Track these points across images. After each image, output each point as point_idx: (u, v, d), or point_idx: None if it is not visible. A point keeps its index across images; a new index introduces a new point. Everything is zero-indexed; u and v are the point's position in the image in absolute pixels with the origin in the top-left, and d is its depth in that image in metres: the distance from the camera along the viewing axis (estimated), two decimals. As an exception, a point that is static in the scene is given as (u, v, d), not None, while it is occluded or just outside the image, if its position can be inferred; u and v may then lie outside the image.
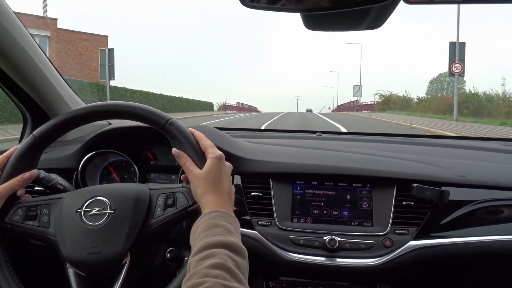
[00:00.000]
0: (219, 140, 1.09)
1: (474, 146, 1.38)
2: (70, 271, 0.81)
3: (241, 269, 0.64)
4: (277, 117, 23.38)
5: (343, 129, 11.42)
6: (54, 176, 1.01)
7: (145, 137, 1.21)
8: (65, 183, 1.02)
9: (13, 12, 1.07)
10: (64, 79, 1.32)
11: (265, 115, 28.61)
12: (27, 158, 0.87)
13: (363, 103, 43.19)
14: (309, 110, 70.14)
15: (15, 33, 1.08)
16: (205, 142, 0.84)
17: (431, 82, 68.99)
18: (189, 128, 0.86)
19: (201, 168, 0.80)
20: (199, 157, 0.82)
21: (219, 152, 0.82)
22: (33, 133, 0.87)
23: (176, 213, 0.82)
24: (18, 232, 0.85)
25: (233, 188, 0.83)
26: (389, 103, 35.45)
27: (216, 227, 0.70)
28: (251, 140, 1.31)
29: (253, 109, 69.74)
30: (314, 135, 1.56)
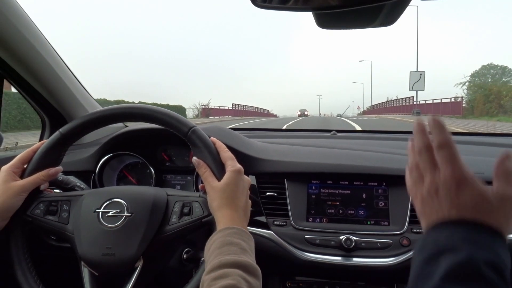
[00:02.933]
0: (234, 140, 1.09)
1: (492, 142, 1.35)
2: (85, 270, 0.83)
3: None
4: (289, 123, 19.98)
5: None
6: (72, 178, 1.03)
7: (160, 139, 1.23)
8: (83, 185, 1.04)
9: (32, 20, 1.10)
10: (80, 84, 1.34)
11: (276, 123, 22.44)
12: (52, 154, 0.89)
13: (423, 101, 29.00)
14: (339, 116, 58.23)
15: (34, 41, 1.10)
16: (226, 154, 0.84)
17: (472, 75, 63.96)
18: (211, 138, 0.86)
19: (219, 180, 0.80)
20: (218, 168, 0.82)
21: (238, 166, 0.82)
22: (60, 130, 0.89)
23: (190, 222, 0.83)
24: (38, 225, 0.87)
25: (249, 202, 0.83)
26: (498, 99, 21.53)
27: (230, 245, 0.70)
28: (265, 140, 1.31)
29: (262, 113, 59.61)
30: (328, 134, 1.56)
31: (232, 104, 47.45)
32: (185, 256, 0.96)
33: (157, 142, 1.25)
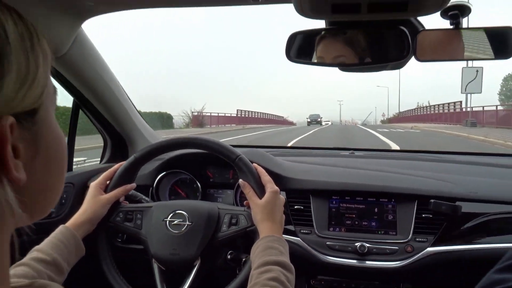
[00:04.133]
0: (269, 163, 1.33)
1: (487, 162, 1.55)
2: (155, 266, 1.08)
3: (290, 282, 0.82)
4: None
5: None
6: (137, 193, 1.28)
7: (206, 160, 1.47)
8: (147, 198, 1.30)
9: (102, 57, 1.36)
10: (137, 110, 1.61)
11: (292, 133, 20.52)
12: (128, 173, 1.14)
13: (477, 108, 23.22)
14: (364, 124, 53.46)
15: (105, 76, 1.37)
16: (266, 178, 1.05)
17: (505, 79, 60.91)
18: (253, 164, 1.08)
19: (260, 198, 1.01)
20: (260, 189, 1.03)
21: (276, 188, 1.02)
22: (135, 155, 1.14)
23: (237, 231, 1.06)
24: (118, 230, 1.13)
25: (284, 216, 1.03)
26: None
27: (271, 248, 0.89)
28: (291, 159, 1.54)
29: (276, 121, 54.21)
30: (347, 153, 1.78)
31: (237, 110, 39.91)
32: (229, 257, 1.19)
33: (203, 162, 1.49)
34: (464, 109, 26.57)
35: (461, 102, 27.24)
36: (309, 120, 51.79)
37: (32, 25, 0.41)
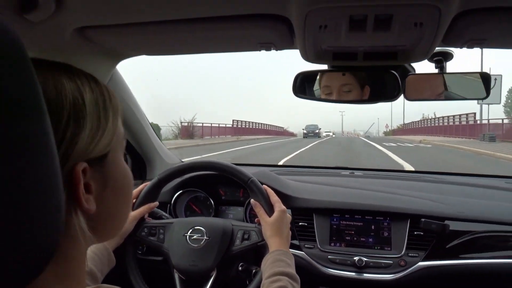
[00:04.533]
0: (276, 183, 1.47)
1: (477, 183, 1.69)
2: (176, 275, 1.22)
3: None
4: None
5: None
6: (159, 210, 1.43)
7: (218, 179, 1.62)
8: (167, 215, 1.44)
9: (131, 91, 1.52)
10: (155, 133, 1.77)
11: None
12: (152, 193, 1.29)
13: (494, 120, 22.54)
14: (368, 136, 50.49)
15: (135, 109, 1.53)
16: (274, 198, 1.19)
17: (510, 91, 58.75)
18: (263, 185, 1.23)
19: (270, 216, 1.15)
20: (269, 208, 1.17)
21: (284, 207, 1.16)
22: (158, 176, 1.29)
23: (250, 245, 1.20)
24: (143, 243, 1.27)
25: (290, 233, 1.16)
26: None
27: (280, 261, 1.00)
28: (295, 178, 1.68)
29: (275, 132, 50.90)
30: (347, 172, 1.92)
31: (233, 120, 38.11)
32: (240, 268, 1.32)
33: (216, 182, 1.64)
34: (478, 121, 25.23)
35: (474, 114, 25.79)
36: (305, 131, 45.04)
37: (107, 88, 0.52)
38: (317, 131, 45.55)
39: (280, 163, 11.18)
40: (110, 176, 0.50)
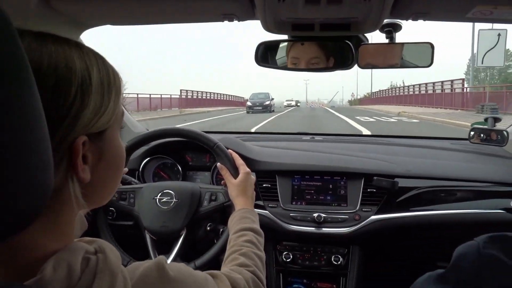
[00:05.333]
0: (241, 148, 1.55)
1: (426, 145, 1.84)
2: (147, 236, 1.29)
3: (261, 243, 1.00)
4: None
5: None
6: (128, 176, 1.48)
7: (184, 146, 1.68)
8: (136, 181, 1.50)
9: None
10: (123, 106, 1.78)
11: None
12: None
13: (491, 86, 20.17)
14: (333, 106, 48.23)
15: None
16: (239, 161, 1.26)
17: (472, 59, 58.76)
18: (229, 150, 1.30)
19: (235, 178, 1.21)
20: (235, 171, 1.25)
21: (248, 169, 1.24)
22: (126, 143, 1.34)
23: (216, 206, 1.28)
24: (115, 207, 1.33)
25: (254, 193, 1.23)
26: None
27: (245, 218, 1.08)
28: (259, 144, 1.77)
29: (236, 103, 46.84)
30: (307, 137, 2.03)
31: (181, 90, 32.63)
32: (208, 228, 1.41)
33: (182, 148, 1.70)
34: (466, 90, 21.62)
35: (463, 80, 22.18)
36: (249, 103, 29.65)
37: (112, 68, 0.55)
38: (267, 102, 29.45)
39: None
40: (106, 150, 0.54)
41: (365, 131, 12.17)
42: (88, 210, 0.59)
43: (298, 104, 50.37)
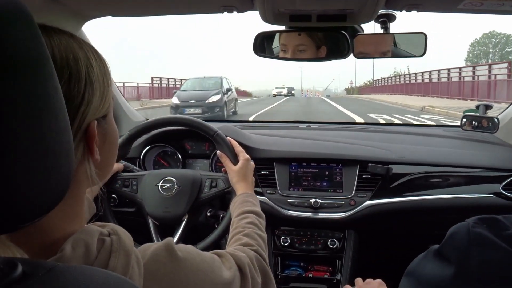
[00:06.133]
0: (240, 136, 1.59)
1: (420, 132, 1.89)
2: (150, 221, 1.33)
3: (263, 225, 1.05)
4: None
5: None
6: (130, 164, 1.51)
7: (184, 134, 1.71)
8: (138, 168, 1.53)
9: None
10: (122, 94, 1.81)
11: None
12: (124, 147, 1.38)
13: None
14: (328, 96, 42.63)
15: None
16: (238, 149, 1.30)
17: (472, 45, 56.75)
18: (228, 138, 1.34)
19: (235, 165, 1.26)
20: (234, 158, 1.29)
21: (247, 156, 1.28)
22: (128, 131, 1.38)
23: (217, 192, 1.32)
24: (118, 194, 1.37)
25: (254, 179, 1.28)
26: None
27: (247, 202, 1.11)
28: (257, 132, 1.80)
29: None
30: (304, 126, 2.07)
31: (152, 78, 25.98)
32: (209, 214, 1.45)
33: (182, 137, 1.73)
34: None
35: (510, 63, 17.55)
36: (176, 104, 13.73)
37: (103, 56, 0.58)
38: (214, 98, 13.54)
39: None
40: (108, 132, 0.59)
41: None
42: (101, 185, 0.63)
43: (293, 92, 42.27)
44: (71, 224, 0.53)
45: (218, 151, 1.32)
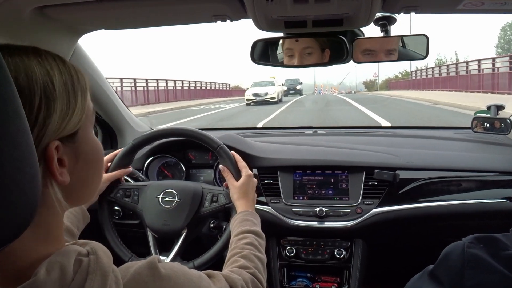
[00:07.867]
0: (243, 145, 1.56)
1: (429, 135, 1.83)
2: (149, 234, 1.31)
3: (262, 246, 1.02)
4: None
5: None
6: (136, 171, 1.50)
7: (187, 145, 1.70)
8: (143, 176, 1.53)
9: (95, 64, 1.54)
10: (124, 103, 1.81)
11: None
12: (127, 157, 1.37)
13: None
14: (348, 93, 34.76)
15: (100, 82, 1.56)
16: (241, 163, 1.27)
17: (503, 29, 51.50)
18: (231, 152, 1.31)
19: (237, 180, 1.23)
20: (237, 173, 1.26)
21: (250, 172, 1.25)
22: (132, 141, 1.37)
23: (217, 207, 1.30)
24: (118, 204, 1.36)
25: (256, 195, 1.25)
26: None
27: (247, 220, 1.09)
28: (260, 139, 1.78)
29: (218, 92, 33.37)
30: (310, 131, 2.03)
31: (146, 80, 21.60)
32: (212, 225, 1.43)
33: (185, 147, 1.72)
34: None
35: None
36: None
37: (74, 68, 0.55)
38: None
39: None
40: (81, 151, 0.55)
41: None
42: (87, 206, 0.61)
43: (298, 87, 31.67)
44: (47, 246, 0.51)
45: (220, 165, 1.30)
